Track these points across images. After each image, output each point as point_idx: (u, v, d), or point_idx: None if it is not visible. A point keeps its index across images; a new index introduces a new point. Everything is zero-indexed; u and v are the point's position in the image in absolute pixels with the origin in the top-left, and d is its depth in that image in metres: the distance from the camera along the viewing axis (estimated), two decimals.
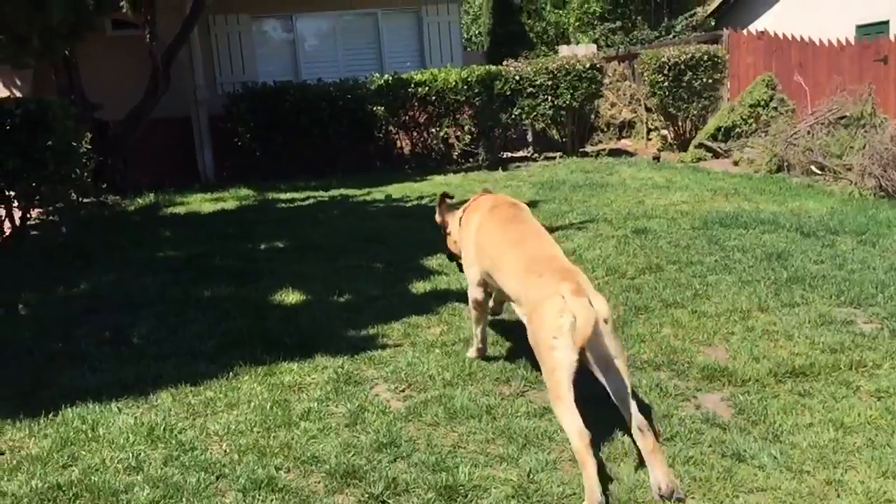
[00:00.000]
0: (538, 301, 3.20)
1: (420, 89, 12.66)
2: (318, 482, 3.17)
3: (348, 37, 14.66)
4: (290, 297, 5.65)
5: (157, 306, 5.52)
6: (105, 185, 10.74)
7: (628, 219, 7.57)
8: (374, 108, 12.49)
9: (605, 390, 3.19)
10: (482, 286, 4.05)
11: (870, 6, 13.25)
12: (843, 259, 5.86)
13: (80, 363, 4.51)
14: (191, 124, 12.77)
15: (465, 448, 3.39)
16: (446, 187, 10.31)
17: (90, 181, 9.65)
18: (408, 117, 12.95)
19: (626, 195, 9.05)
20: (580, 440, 2.88)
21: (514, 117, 13.21)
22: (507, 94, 13.00)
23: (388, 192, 10.39)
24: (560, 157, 13.09)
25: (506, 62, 13.62)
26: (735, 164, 11.42)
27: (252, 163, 12.46)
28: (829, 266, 5.73)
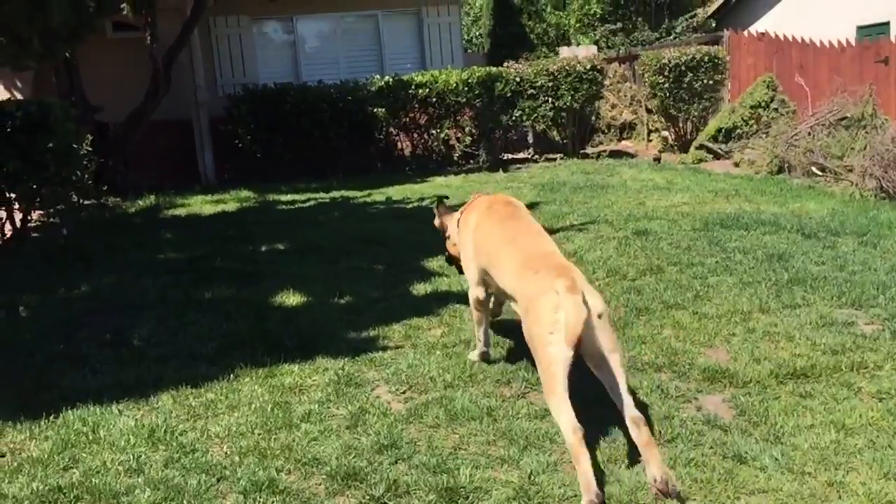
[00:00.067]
0: (534, 297, 3.23)
1: (421, 91, 12.66)
2: (319, 484, 3.17)
3: (349, 38, 14.67)
4: (291, 298, 5.65)
5: (157, 308, 5.52)
6: (106, 187, 10.74)
7: (629, 220, 7.57)
8: (375, 110, 12.50)
9: (605, 391, 3.20)
10: (482, 285, 4.06)
11: (870, 7, 13.24)
12: (845, 260, 5.86)
13: (80, 365, 4.50)
14: (191, 126, 12.77)
15: (466, 450, 3.38)
16: (447, 189, 10.32)
17: (91, 183, 9.64)
18: (408, 119, 12.96)
19: (627, 196, 9.05)
20: (573, 435, 2.91)
21: (514, 119, 13.23)
22: (508, 95, 13.01)
23: (389, 193, 10.39)
24: (561, 159, 13.09)
25: (506, 64, 13.62)
26: (736, 165, 11.42)
27: (253, 164, 12.47)
28: (830, 267, 5.72)
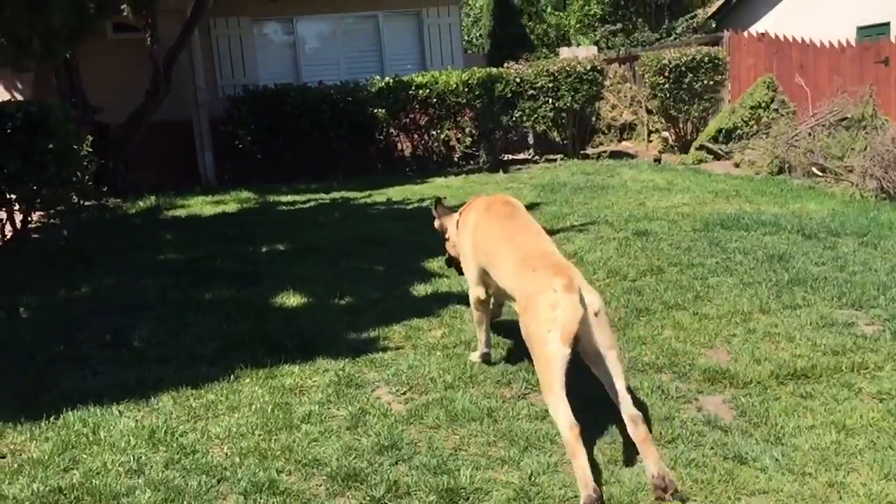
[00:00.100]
0: (532, 295, 3.25)
1: (421, 92, 12.66)
2: (320, 485, 3.17)
3: (349, 39, 14.67)
4: (291, 299, 5.65)
5: (157, 309, 5.52)
6: (106, 188, 10.73)
7: (629, 221, 7.56)
8: (375, 111, 12.50)
9: (606, 392, 3.20)
10: (482, 285, 4.07)
11: (870, 8, 13.24)
12: (845, 261, 5.85)
13: (81, 366, 4.50)
14: (192, 127, 12.77)
15: (466, 451, 3.38)
16: (447, 190, 10.32)
17: (91, 184, 9.64)
18: (408, 120, 12.95)
19: (627, 197, 9.05)
20: (570, 431, 2.94)
21: (514, 119, 13.22)
22: (508, 96, 13.01)
23: (389, 194, 10.39)
24: (561, 160, 13.09)
25: (506, 64, 13.62)
26: (736, 165, 11.42)
27: (253, 165, 12.47)
28: (830, 268, 5.72)
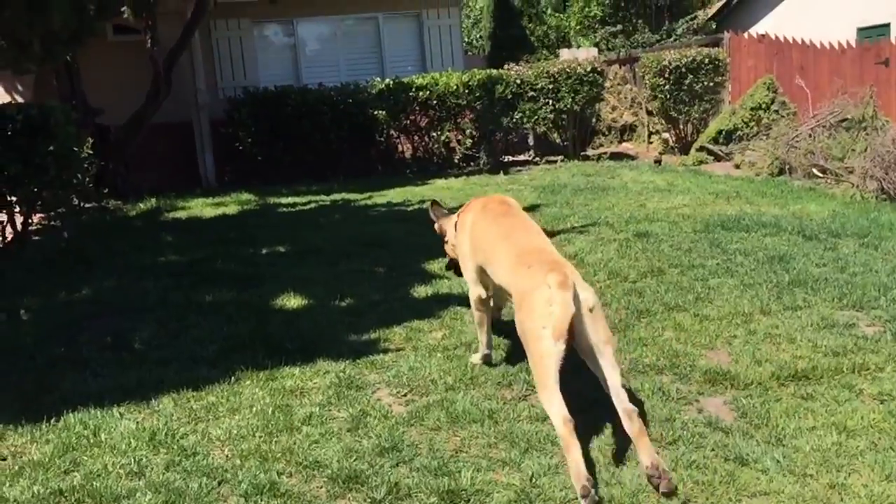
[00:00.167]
0: (527, 291, 3.27)
1: (421, 93, 12.67)
2: (320, 487, 3.16)
3: (349, 41, 14.67)
4: (292, 301, 5.65)
5: (158, 311, 5.52)
6: (106, 190, 10.75)
7: (630, 222, 7.56)
8: (376, 113, 12.50)
9: (605, 392, 3.20)
10: (481, 284, 4.08)
11: (870, 9, 13.25)
12: (846, 262, 5.85)
13: (81, 368, 4.50)
14: (192, 129, 12.78)
15: (467, 452, 3.38)
16: (447, 191, 10.33)
17: (92, 186, 9.65)
18: (409, 121, 12.96)
19: (628, 199, 9.05)
20: (564, 426, 2.96)
21: (515, 121, 13.23)
22: (508, 97, 13.01)
23: (390, 196, 10.39)
24: (561, 161, 13.09)
25: (507, 66, 13.63)
26: (736, 167, 11.41)
27: (253, 167, 12.48)
28: (831, 269, 5.72)
